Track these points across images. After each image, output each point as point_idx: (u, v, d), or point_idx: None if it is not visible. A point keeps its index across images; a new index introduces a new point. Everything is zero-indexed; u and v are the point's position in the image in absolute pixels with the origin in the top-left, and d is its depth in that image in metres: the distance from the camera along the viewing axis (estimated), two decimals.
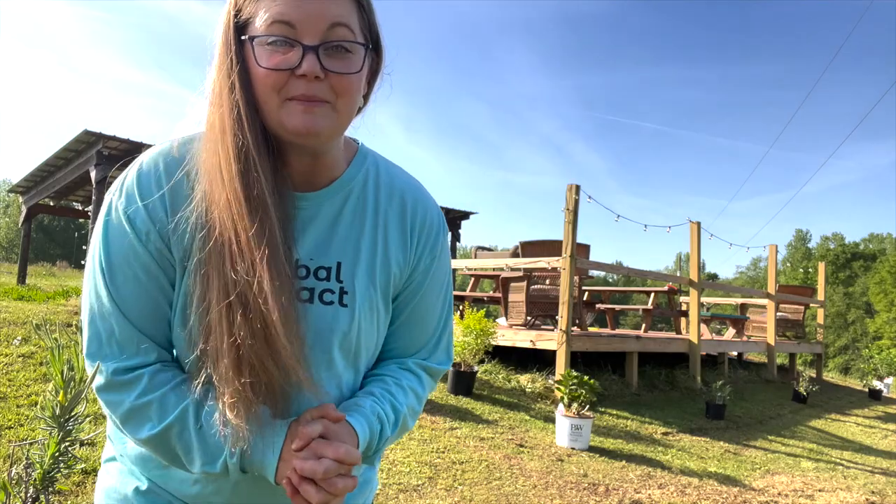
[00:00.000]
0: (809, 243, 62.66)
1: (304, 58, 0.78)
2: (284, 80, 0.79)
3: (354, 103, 0.84)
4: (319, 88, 0.79)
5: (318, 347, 0.88)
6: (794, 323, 10.78)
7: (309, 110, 0.79)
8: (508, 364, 6.49)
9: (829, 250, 57.25)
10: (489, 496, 3.39)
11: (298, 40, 0.78)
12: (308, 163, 0.88)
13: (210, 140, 0.82)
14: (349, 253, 0.91)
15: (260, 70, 0.79)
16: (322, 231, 0.90)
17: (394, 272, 0.95)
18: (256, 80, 0.80)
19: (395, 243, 0.95)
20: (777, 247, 10.18)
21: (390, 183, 0.98)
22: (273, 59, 0.78)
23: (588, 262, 6.92)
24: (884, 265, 47.41)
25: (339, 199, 0.92)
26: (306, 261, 0.89)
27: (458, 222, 14.71)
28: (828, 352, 35.54)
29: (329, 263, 0.90)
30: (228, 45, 0.81)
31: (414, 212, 0.98)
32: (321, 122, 0.80)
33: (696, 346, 7.66)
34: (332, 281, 0.90)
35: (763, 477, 4.51)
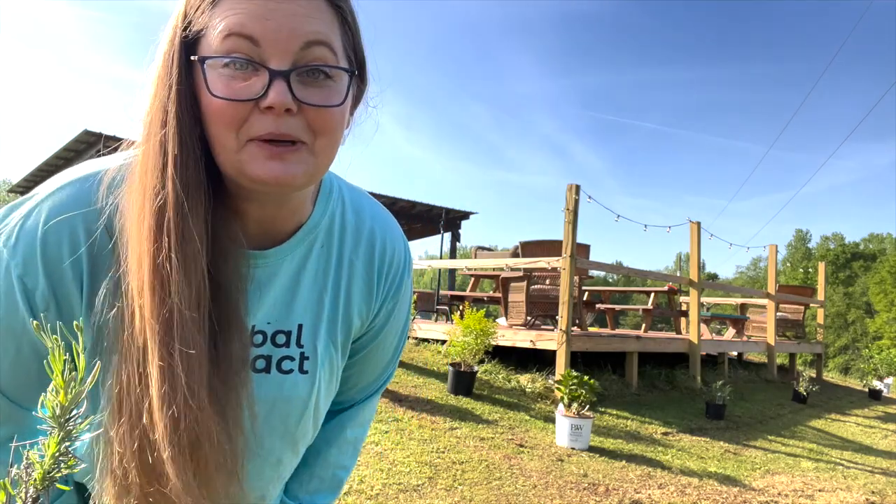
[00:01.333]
0: (809, 243, 62.68)
1: (270, 85, 0.60)
2: (245, 113, 0.61)
3: (337, 142, 0.67)
4: (292, 125, 0.62)
5: (276, 418, 0.78)
6: (794, 323, 10.78)
7: (278, 156, 0.62)
8: (508, 364, 6.49)
9: (829, 250, 57.27)
10: (489, 496, 3.39)
11: (263, 63, 0.61)
12: (270, 211, 0.72)
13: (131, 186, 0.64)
14: (311, 313, 0.79)
15: (213, 101, 0.61)
16: (282, 291, 0.77)
17: (355, 325, 0.84)
18: (208, 113, 0.61)
19: (359, 294, 0.84)
20: (777, 247, 10.19)
21: (357, 222, 0.84)
22: (230, 88, 0.60)
23: (588, 262, 6.92)
24: (884, 265, 47.43)
25: (303, 250, 0.77)
26: (263, 325, 0.76)
27: (458, 222, 14.72)
28: (828, 352, 35.55)
29: (289, 327, 0.77)
30: (168, 66, 0.62)
31: (382, 255, 0.86)
32: (294, 169, 0.63)
33: (696, 346, 7.66)
34: (293, 346, 0.78)
35: (763, 477, 4.51)
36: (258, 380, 0.75)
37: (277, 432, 0.79)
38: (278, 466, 0.83)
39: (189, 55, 0.63)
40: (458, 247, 15.34)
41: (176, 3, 0.66)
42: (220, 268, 0.65)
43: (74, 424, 0.33)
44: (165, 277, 0.60)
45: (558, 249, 6.31)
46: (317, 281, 0.79)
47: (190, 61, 0.63)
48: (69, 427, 0.33)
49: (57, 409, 0.33)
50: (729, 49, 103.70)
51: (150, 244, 0.60)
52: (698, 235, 8.08)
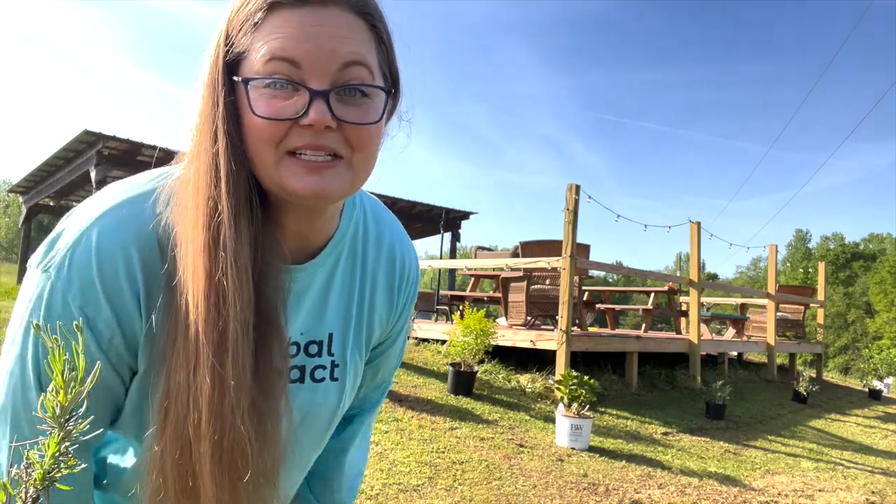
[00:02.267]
0: (809, 243, 62.68)
1: (311, 105, 0.63)
2: (285, 130, 0.64)
3: (374, 157, 0.70)
4: (331, 139, 0.65)
5: (308, 426, 0.81)
6: (794, 323, 10.77)
7: (317, 170, 0.65)
8: (508, 364, 6.49)
9: (829, 250, 57.26)
10: (489, 496, 3.39)
11: (303, 83, 0.63)
12: (306, 225, 0.75)
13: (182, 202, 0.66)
14: (340, 321, 0.82)
15: (255, 120, 0.63)
16: (315, 302, 0.79)
17: (377, 332, 0.88)
18: (250, 130, 0.64)
19: (382, 302, 0.87)
20: (777, 247, 10.18)
21: (378, 232, 0.87)
22: (272, 107, 0.63)
23: (588, 262, 6.92)
24: (884, 265, 47.42)
25: (332, 259, 0.80)
26: (297, 337, 0.78)
27: (458, 222, 14.71)
28: (828, 352, 35.54)
29: (321, 337, 0.80)
30: (215, 85, 0.65)
31: (402, 266, 0.89)
32: (333, 183, 0.66)
33: (696, 346, 7.66)
34: (324, 355, 0.80)
35: (763, 477, 4.51)
36: (293, 390, 0.76)
37: (308, 439, 0.82)
38: (305, 470, 0.87)
39: (231, 75, 0.65)
40: (458, 247, 15.34)
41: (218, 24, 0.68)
42: (265, 281, 0.67)
43: (74, 424, 0.33)
44: (221, 291, 0.62)
45: (558, 249, 6.31)
46: (344, 290, 0.82)
47: (231, 81, 0.65)
48: (69, 427, 0.33)
49: (57, 409, 0.33)
50: (729, 49, 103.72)
51: (206, 259, 0.62)
52: (698, 235, 8.07)
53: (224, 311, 0.62)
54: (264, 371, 0.66)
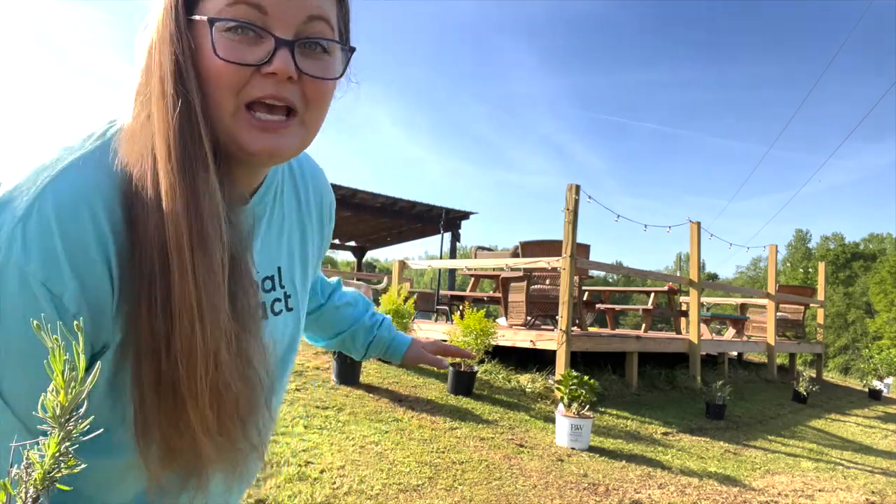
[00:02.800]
0: (809, 243, 62.65)
1: (275, 53, 0.62)
2: (246, 77, 0.62)
3: (324, 115, 0.70)
4: (290, 91, 0.64)
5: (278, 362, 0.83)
6: (794, 323, 10.78)
7: (272, 129, 0.64)
8: (508, 364, 6.49)
9: (829, 250, 57.25)
10: (489, 496, 3.39)
11: (269, 30, 0.62)
12: (252, 173, 0.75)
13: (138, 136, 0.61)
14: (285, 253, 0.84)
15: (216, 62, 0.61)
16: (261, 239, 0.80)
17: (316, 255, 0.94)
18: (210, 73, 0.62)
19: (315, 229, 0.91)
20: (777, 247, 10.18)
21: (300, 166, 0.90)
22: (237, 51, 0.61)
23: (588, 262, 6.92)
24: (884, 265, 47.41)
25: (270, 197, 0.81)
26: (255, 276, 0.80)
27: (458, 222, 14.71)
28: (828, 352, 35.55)
29: (271, 272, 0.82)
30: (177, 21, 0.62)
31: (324, 190, 0.94)
32: (287, 142, 0.66)
33: (696, 346, 7.66)
34: (278, 289, 0.83)
35: (763, 477, 4.51)
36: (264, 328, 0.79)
37: (277, 374, 0.82)
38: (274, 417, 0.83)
39: (190, 12, 0.63)
40: (458, 247, 15.34)
41: None
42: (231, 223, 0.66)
43: (75, 425, 0.33)
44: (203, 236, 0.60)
45: (558, 249, 6.31)
46: (284, 223, 0.84)
47: (190, 19, 0.63)
48: (69, 427, 0.33)
49: (57, 409, 0.33)
50: (729, 49, 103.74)
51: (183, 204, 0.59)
52: (698, 235, 8.08)
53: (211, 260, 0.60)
54: (241, 309, 0.65)
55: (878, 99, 51.42)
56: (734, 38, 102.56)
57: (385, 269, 46.06)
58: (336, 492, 3.12)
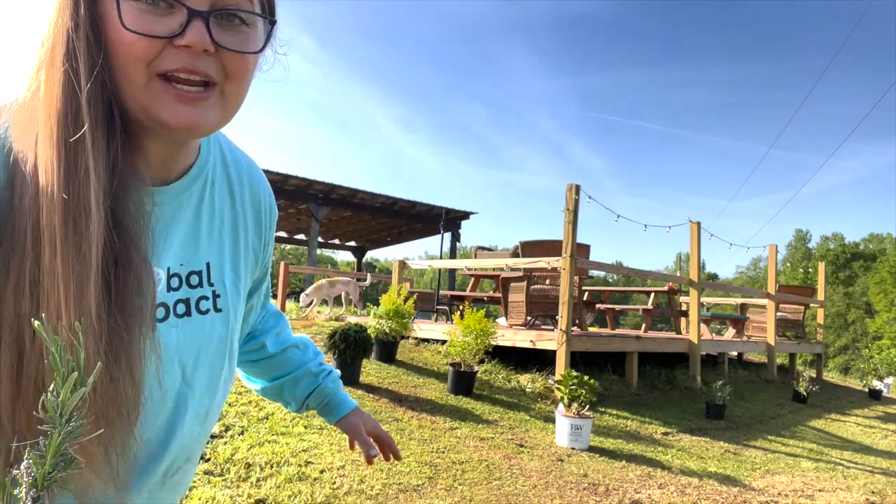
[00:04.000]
0: (809, 243, 62.65)
1: (188, 25, 0.59)
2: (158, 49, 0.59)
3: (247, 89, 0.67)
4: (206, 64, 0.61)
5: (202, 362, 0.76)
6: (794, 323, 10.78)
7: (189, 100, 0.61)
8: (508, 364, 6.49)
9: (829, 250, 57.25)
10: (489, 496, 3.39)
11: (181, 0, 0.59)
12: (170, 150, 0.71)
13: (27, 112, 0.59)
14: (215, 249, 0.79)
15: (124, 34, 0.58)
16: (187, 230, 0.76)
17: (251, 260, 0.86)
18: (115, 44, 0.58)
19: (251, 229, 0.85)
20: (777, 247, 10.18)
21: (236, 162, 0.85)
22: (146, 22, 0.58)
23: (588, 262, 6.92)
24: (884, 265, 47.40)
25: (198, 188, 0.77)
26: (176, 268, 0.74)
27: (458, 222, 14.71)
28: (828, 352, 35.55)
29: (199, 266, 0.77)
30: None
31: (261, 192, 0.88)
32: (206, 115, 0.63)
33: (696, 346, 7.66)
34: (205, 286, 0.77)
35: (763, 477, 4.51)
36: (182, 325, 0.73)
37: (205, 380, 0.76)
38: (206, 420, 0.79)
39: None
40: (458, 247, 15.34)
41: None
42: (122, 205, 0.62)
43: (75, 425, 0.33)
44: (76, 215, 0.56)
45: (558, 249, 6.31)
46: (214, 218, 0.79)
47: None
48: (69, 427, 0.33)
49: (58, 409, 0.33)
50: (729, 49, 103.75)
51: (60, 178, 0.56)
52: (698, 235, 8.08)
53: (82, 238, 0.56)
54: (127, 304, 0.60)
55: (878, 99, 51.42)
56: (735, 38, 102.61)
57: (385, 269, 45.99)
58: (336, 492, 3.12)
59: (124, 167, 0.62)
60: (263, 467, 3.28)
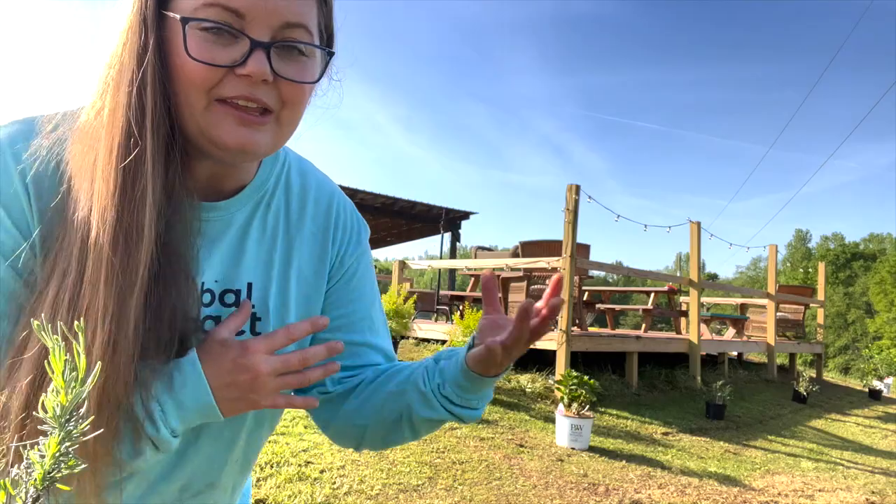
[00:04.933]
0: (809, 243, 62.65)
1: (251, 55, 0.61)
2: (219, 77, 0.61)
3: (301, 116, 0.69)
4: (264, 92, 0.63)
5: None
6: (794, 323, 10.78)
7: (247, 122, 0.63)
8: None
9: (829, 250, 57.24)
10: (489, 496, 3.39)
11: (244, 32, 0.61)
12: (220, 170, 0.72)
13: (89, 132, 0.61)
14: (260, 271, 0.76)
15: (189, 62, 0.60)
16: (230, 249, 0.74)
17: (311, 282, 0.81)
18: (180, 70, 0.61)
19: (311, 251, 0.81)
20: (777, 247, 10.18)
21: (303, 183, 0.83)
22: (210, 52, 0.60)
23: (588, 262, 6.92)
24: (884, 265, 47.40)
25: (249, 207, 0.76)
26: (211, 284, 0.73)
27: (458, 222, 14.70)
28: (828, 352, 35.54)
29: (238, 286, 0.74)
30: (144, 16, 0.60)
31: (330, 211, 0.84)
32: (261, 139, 0.64)
33: (696, 346, 7.66)
34: None
35: (763, 477, 4.51)
36: None
37: None
38: (230, 447, 0.76)
39: (161, 7, 0.62)
40: (458, 247, 15.33)
41: None
42: (172, 227, 0.64)
43: (75, 425, 0.33)
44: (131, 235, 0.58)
45: (558, 249, 6.31)
46: (264, 239, 0.77)
47: (161, 14, 0.61)
48: (69, 427, 0.33)
49: (57, 409, 0.33)
50: (729, 49, 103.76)
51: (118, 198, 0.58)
52: (698, 235, 8.08)
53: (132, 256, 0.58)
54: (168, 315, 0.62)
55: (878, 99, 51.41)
56: (734, 37, 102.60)
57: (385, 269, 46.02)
58: (336, 492, 3.12)
59: (178, 186, 0.64)
60: (263, 467, 3.28)
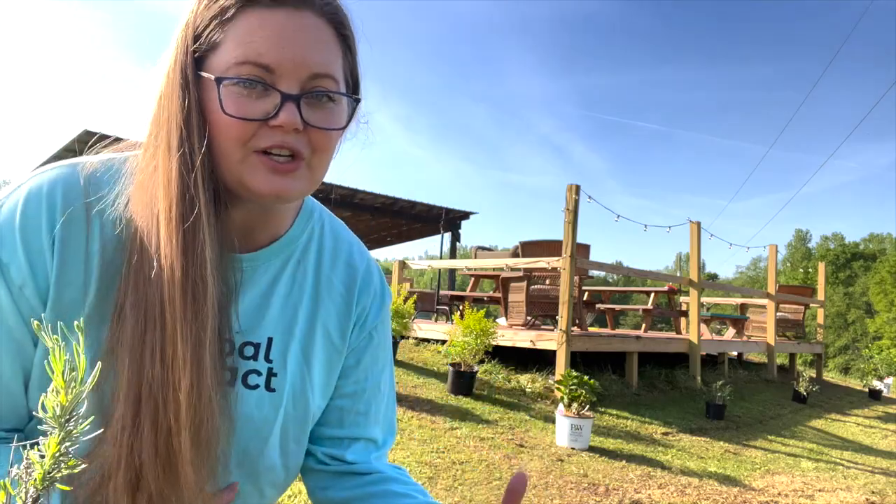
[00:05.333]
0: (809, 243, 62.65)
1: (282, 107, 0.64)
2: (254, 130, 0.65)
3: (330, 160, 0.72)
4: (296, 140, 0.66)
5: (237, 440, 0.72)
6: (794, 323, 10.78)
7: (281, 171, 0.66)
8: (508, 364, 6.49)
9: (829, 250, 57.24)
10: (489, 496, 3.39)
11: (275, 86, 0.64)
12: (252, 218, 0.75)
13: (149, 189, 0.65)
14: (282, 327, 0.77)
15: (225, 118, 0.64)
16: (255, 299, 0.76)
17: (335, 346, 0.82)
18: (217, 126, 0.64)
19: (336, 312, 0.82)
20: (777, 247, 10.18)
21: (336, 245, 0.85)
22: (244, 107, 0.64)
23: (588, 262, 6.92)
24: (884, 265, 47.39)
25: (279, 261, 0.78)
26: (230, 334, 0.73)
27: (458, 222, 14.70)
28: (828, 352, 35.54)
29: (259, 339, 0.75)
30: (185, 78, 0.65)
31: (357, 275, 0.85)
32: (294, 185, 0.67)
33: (696, 346, 7.66)
34: (261, 360, 0.75)
35: (763, 477, 4.51)
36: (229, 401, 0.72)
37: (237, 457, 0.73)
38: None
39: (198, 68, 0.66)
40: (458, 247, 15.33)
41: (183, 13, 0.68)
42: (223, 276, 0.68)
43: (75, 425, 0.33)
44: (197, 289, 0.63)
45: (558, 249, 6.31)
46: (291, 296, 0.79)
47: (198, 74, 0.65)
48: (69, 427, 0.33)
49: (57, 409, 0.33)
50: (729, 49, 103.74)
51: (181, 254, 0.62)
52: (698, 235, 8.08)
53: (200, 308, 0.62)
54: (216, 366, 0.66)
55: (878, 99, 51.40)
56: (734, 37, 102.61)
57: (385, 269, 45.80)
58: None
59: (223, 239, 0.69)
60: None
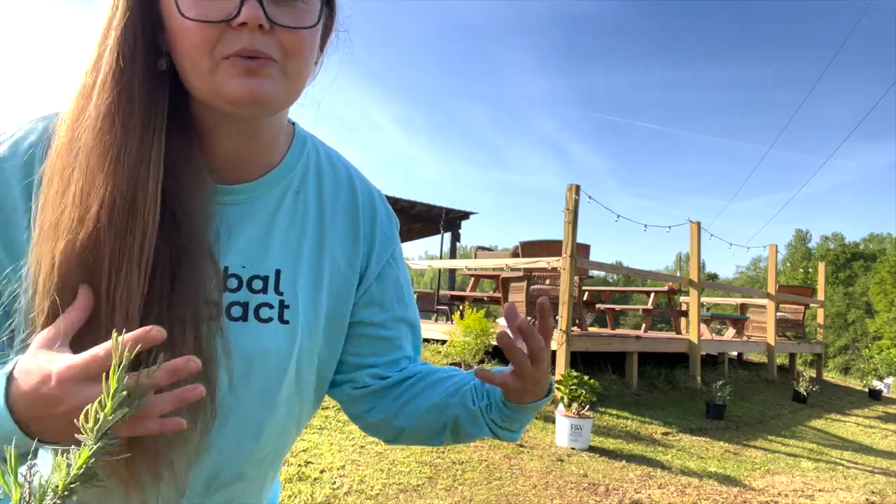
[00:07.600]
0: (809, 243, 62.62)
1: (243, 4, 0.60)
2: (218, 34, 0.60)
3: (308, 66, 0.67)
4: (264, 42, 0.61)
5: (255, 375, 0.70)
6: (794, 323, 10.78)
7: (252, 71, 0.62)
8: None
9: (829, 250, 57.22)
10: (489, 496, 3.40)
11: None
12: (240, 145, 0.71)
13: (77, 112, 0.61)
14: (290, 258, 0.74)
15: (185, 23, 0.60)
16: (256, 234, 0.73)
17: (342, 279, 0.79)
18: (178, 34, 0.61)
19: (342, 239, 0.80)
20: (777, 247, 10.19)
21: (334, 171, 0.82)
22: (203, 9, 0.60)
23: (588, 262, 6.93)
24: (884, 265, 47.37)
25: (278, 191, 0.75)
26: (237, 269, 0.71)
27: (458, 222, 14.70)
28: (828, 352, 35.52)
29: (266, 272, 0.72)
30: None
31: (361, 199, 0.83)
32: (268, 86, 0.63)
33: (696, 346, 7.67)
34: (271, 293, 0.72)
35: (763, 477, 4.52)
36: (235, 329, 0.69)
37: (256, 392, 0.71)
38: (259, 436, 0.73)
39: None
40: (458, 247, 15.32)
41: None
42: (183, 205, 0.63)
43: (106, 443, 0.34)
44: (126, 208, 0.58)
45: (558, 249, 6.32)
46: (294, 226, 0.76)
47: None
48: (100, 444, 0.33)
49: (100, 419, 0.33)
50: (729, 49, 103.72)
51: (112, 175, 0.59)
52: (698, 235, 8.08)
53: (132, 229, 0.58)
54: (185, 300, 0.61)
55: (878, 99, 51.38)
56: (735, 38, 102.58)
57: None
58: (336, 492, 3.13)
59: (185, 165, 0.65)
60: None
